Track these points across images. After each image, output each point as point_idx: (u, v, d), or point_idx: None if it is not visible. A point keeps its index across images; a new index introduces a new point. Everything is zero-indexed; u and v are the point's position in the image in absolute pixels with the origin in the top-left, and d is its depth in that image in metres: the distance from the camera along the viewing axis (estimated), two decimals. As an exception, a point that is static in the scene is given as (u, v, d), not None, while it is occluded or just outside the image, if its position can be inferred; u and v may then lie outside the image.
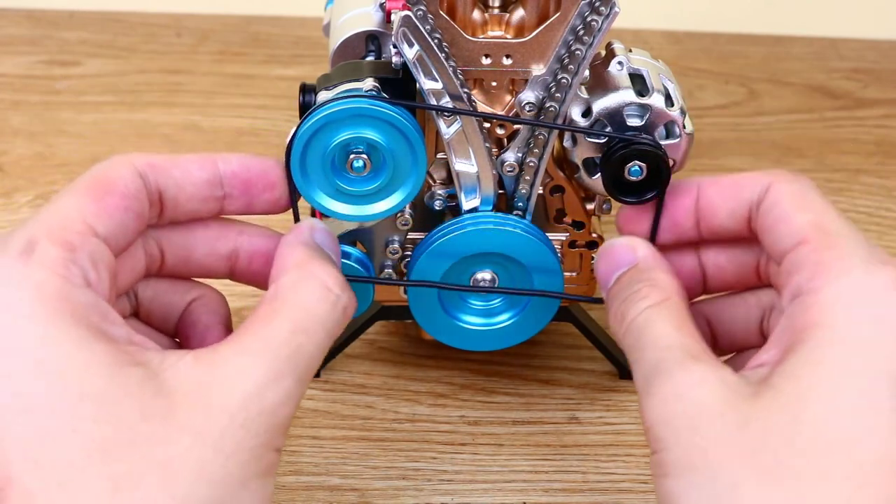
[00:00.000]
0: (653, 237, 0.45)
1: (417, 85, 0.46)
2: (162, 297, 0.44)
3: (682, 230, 0.45)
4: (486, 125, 0.48)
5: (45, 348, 0.35)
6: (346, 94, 0.45)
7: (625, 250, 0.44)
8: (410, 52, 0.45)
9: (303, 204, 0.66)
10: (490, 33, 0.48)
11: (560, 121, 0.48)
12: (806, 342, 0.37)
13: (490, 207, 0.49)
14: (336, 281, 0.40)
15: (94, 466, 0.33)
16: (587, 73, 0.47)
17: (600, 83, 0.48)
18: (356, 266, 0.50)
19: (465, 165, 0.48)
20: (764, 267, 0.44)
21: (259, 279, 0.45)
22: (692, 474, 0.36)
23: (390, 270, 0.52)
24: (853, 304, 0.38)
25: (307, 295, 0.39)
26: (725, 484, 0.35)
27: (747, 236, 0.43)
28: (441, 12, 0.46)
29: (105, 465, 0.33)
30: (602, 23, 0.45)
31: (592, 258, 0.52)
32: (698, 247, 0.46)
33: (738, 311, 0.45)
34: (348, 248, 0.50)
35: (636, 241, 0.44)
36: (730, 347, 0.45)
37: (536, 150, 0.48)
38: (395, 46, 0.46)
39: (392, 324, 0.59)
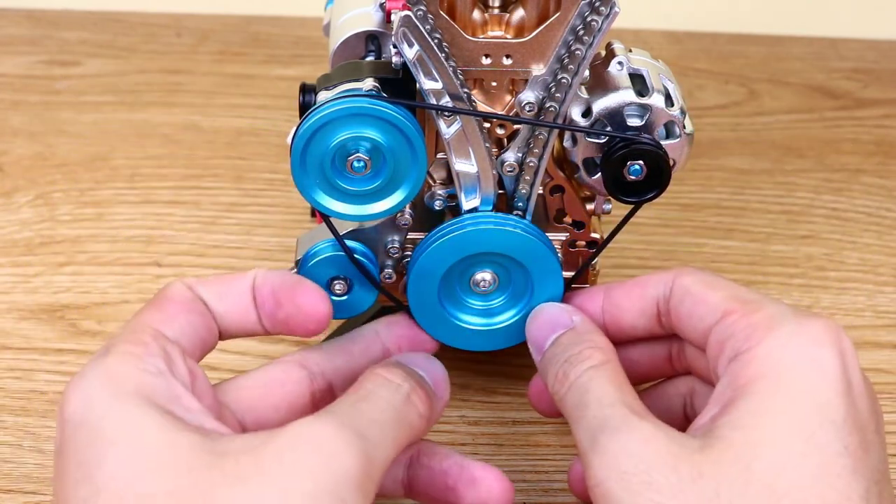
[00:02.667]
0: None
1: (417, 85, 0.46)
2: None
3: None
4: (486, 125, 0.48)
5: (111, 425, 0.36)
6: (346, 94, 0.45)
7: (562, 313, 0.47)
8: (410, 52, 0.45)
9: (304, 204, 0.66)
10: (490, 33, 0.48)
11: (560, 121, 0.48)
12: (749, 394, 0.39)
13: (490, 207, 0.49)
14: (396, 374, 0.41)
15: None
16: (587, 73, 0.47)
17: (600, 83, 0.48)
18: (362, 260, 0.50)
19: (465, 165, 0.48)
20: (677, 355, 0.47)
21: None
22: None
23: (390, 270, 0.52)
24: (790, 355, 0.39)
25: (365, 382, 0.41)
26: None
27: (657, 333, 0.46)
28: (441, 12, 0.46)
29: None
30: (602, 23, 0.45)
31: (596, 269, 0.52)
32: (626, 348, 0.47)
33: (660, 404, 0.47)
34: (353, 244, 0.50)
35: (569, 306, 0.47)
36: None
37: (536, 150, 0.48)
38: (395, 46, 0.46)
39: (392, 324, 0.59)
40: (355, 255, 0.50)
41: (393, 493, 0.45)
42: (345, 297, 0.51)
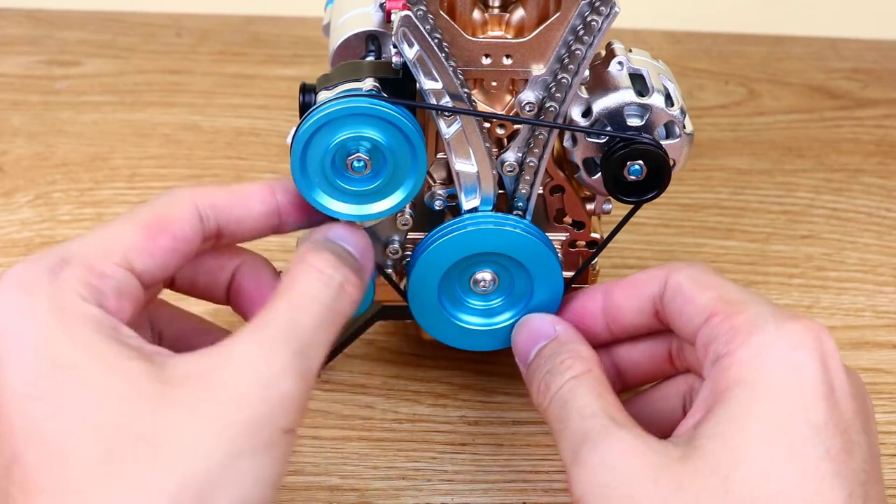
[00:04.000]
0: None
1: (417, 85, 0.46)
2: (202, 268, 0.46)
3: (594, 334, 0.47)
4: (486, 125, 0.48)
5: (53, 344, 0.36)
6: (346, 94, 0.45)
7: (544, 324, 0.47)
8: (410, 52, 0.45)
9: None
10: (490, 33, 0.48)
11: (560, 121, 0.48)
12: (727, 400, 0.39)
13: (490, 207, 0.49)
14: (328, 263, 0.41)
15: (83, 442, 0.35)
16: (587, 73, 0.47)
17: (600, 83, 0.48)
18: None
19: (465, 165, 0.48)
20: (676, 353, 0.46)
21: (248, 310, 0.47)
22: None
23: (390, 270, 0.52)
24: (769, 359, 0.39)
25: (299, 278, 0.40)
26: None
27: (657, 328, 0.46)
28: (441, 12, 0.46)
29: (98, 441, 0.35)
30: (602, 23, 0.45)
31: (596, 269, 0.52)
32: (610, 347, 0.48)
33: (661, 404, 0.47)
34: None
35: (553, 317, 0.47)
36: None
37: (536, 150, 0.48)
38: (395, 46, 0.46)
39: (392, 324, 0.59)
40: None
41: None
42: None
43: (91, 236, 0.40)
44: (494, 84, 0.48)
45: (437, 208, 0.51)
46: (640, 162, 0.47)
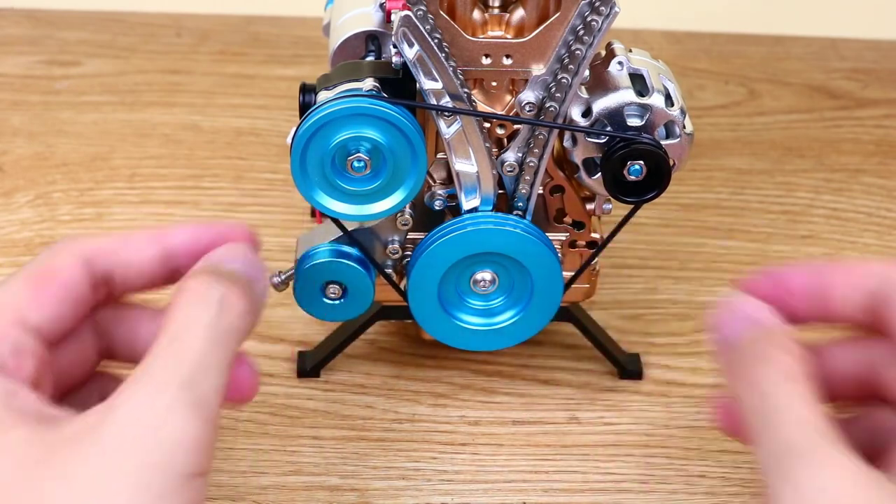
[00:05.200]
0: None
1: (417, 85, 0.46)
2: (139, 327, 0.43)
3: (796, 313, 0.42)
4: (486, 125, 0.48)
5: None
6: (346, 94, 0.45)
7: (757, 309, 0.41)
8: (410, 52, 0.45)
9: (304, 204, 0.66)
10: (490, 33, 0.48)
11: (560, 121, 0.48)
12: None
13: (490, 207, 0.49)
14: (202, 282, 0.38)
15: None
16: (587, 73, 0.47)
17: (600, 83, 0.48)
18: (356, 266, 0.50)
19: (465, 165, 0.48)
20: (884, 373, 0.41)
21: None
22: None
23: (390, 270, 0.52)
24: None
25: (176, 306, 0.38)
26: None
27: (863, 324, 0.41)
28: (441, 12, 0.46)
29: None
30: (602, 23, 0.45)
31: (596, 269, 0.52)
32: (819, 350, 0.42)
33: (858, 438, 0.41)
34: (348, 249, 0.50)
35: (762, 304, 0.42)
36: None
37: (536, 150, 0.48)
38: (395, 46, 0.46)
39: (392, 324, 0.59)
40: (355, 256, 0.50)
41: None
42: (339, 302, 0.51)
43: None
44: (494, 84, 0.48)
45: (437, 208, 0.51)
46: (640, 162, 0.47)
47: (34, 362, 0.38)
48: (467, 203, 0.49)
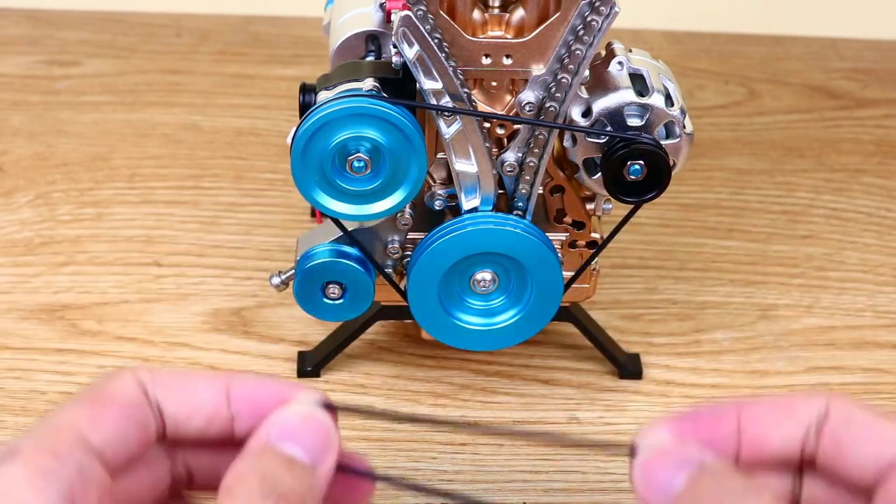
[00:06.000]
0: None
1: (417, 85, 0.46)
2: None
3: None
4: (486, 125, 0.48)
5: None
6: (346, 94, 0.45)
7: (686, 449, 0.36)
8: (410, 52, 0.45)
9: (304, 204, 0.66)
10: (490, 33, 0.48)
11: (560, 121, 0.48)
12: None
13: (490, 207, 0.49)
14: (255, 495, 0.34)
15: None
16: (587, 73, 0.47)
17: (600, 83, 0.48)
18: (356, 266, 0.50)
19: (465, 165, 0.48)
20: (798, 494, 0.39)
21: None
22: None
23: (390, 270, 0.52)
24: None
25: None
26: None
27: (793, 463, 0.38)
28: (441, 12, 0.46)
29: None
30: (602, 23, 0.45)
31: (596, 269, 0.52)
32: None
33: None
34: (348, 249, 0.50)
35: (689, 438, 0.37)
36: None
37: (536, 150, 0.48)
38: (395, 46, 0.46)
39: (392, 324, 0.59)
40: (355, 256, 0.50)
41: None
42: (339, 302, 0.51)
43: (36, 426, 0.36)
44: (494, 84, 0.48)
45: (437, 208, 0.51)
46: (640, 162, 0.47)
47: (98, 492, 0.35)
48: (467, 203, 0.49)
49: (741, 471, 0.36)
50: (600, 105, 0.48)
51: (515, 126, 0.49)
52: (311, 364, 0.56)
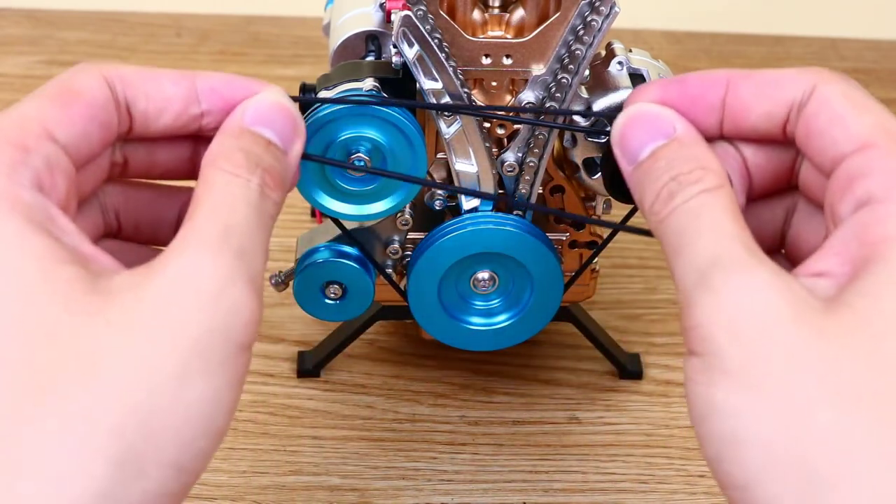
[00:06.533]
0: None
1: (417, 85, 0.46)
2: (146, 209, 0.41)
3: (703, 128, 0.39)
4: (486, 125, 0.48)
5: None
6: (346, 95, 0.45)
7: (662, 119, 0.38)
8: (410, 52, 0.45)
9: (304, 204, 0.66)
10: (490, 33, 0.48)
11: (560, 121, 0.48)
12: (883, 258, 0.33)
13: (490, 207, 0.49)
14: (243, 167, 0.36)
15: (12, 357, 0.31)
16: (587, 73, 0.47)
17: (600, 83, 0.48)
18: (356, 266, 0.50)
19: (465, 165, 0.48)
20: (798, 167, 0.40)
21: None
22: (754, 388, 0.32)
23: (390, 270, 0.52)
24: None
25: (215, 181, 0.36)
26: (798, 404, 0.31)
27: (778, 140, 0.39)
28: (441, 12, 0.46)
29: (21, 356, 0.31)
30: (602, 23, 0.45)
31: (596, 269, 0.52)
32: (735, 142, 0.40)
33: (763, 216, 0.41)
34: (348, 249, 0.50)
35: (671, 111, 0.38)
36: None
37: (536, 150, 0.48)
38: (395, 46, 0.46)
39: (392, 324, 0.59)
40: (355, 256, 0.50)
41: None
42: (339, 302, 0.51)
43: (3, 114, 0.36)
44: (494, 84, 0.48)
45: (437, 208, 0.51)
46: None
47: (65, 184, 0.35)
48: (467, 203, 0.49)
49: (716, 142, 0.39)
50: (600, 105, 0.48)
51: (515, 126, 0.49)
52: (311, 364, 0.56)
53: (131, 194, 0.41)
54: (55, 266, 0.32)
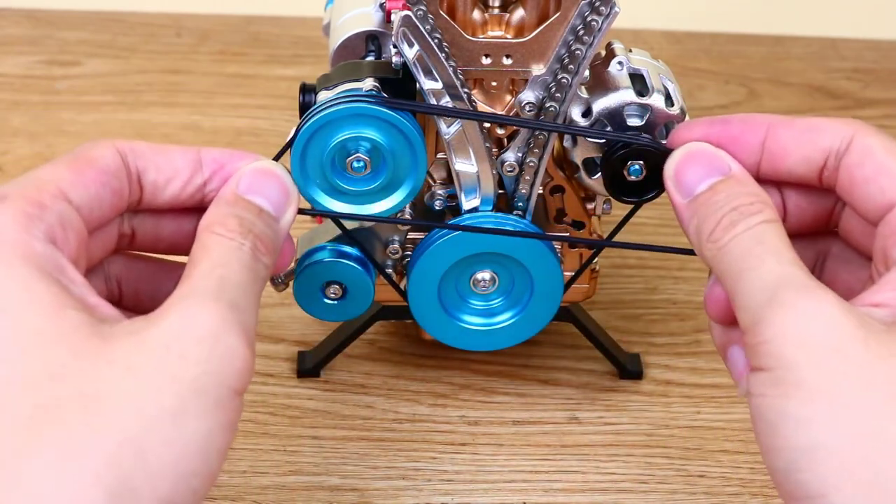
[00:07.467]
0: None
1: (417, 85, 0.46)
2: (146, 280, 0.43)
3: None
4: (486, 125, 0.48)
5: None
6: (346, 95, 0.45)
7: (719, 158, 0.41)
8: (410, 52, 0.45)
9: (304, 204, 0.65)
10: (490, 33, 0.48)
11: (560, 121, 0.48)
12: None
13: (490, 207, 0.49)
14: (237, 232, 0.38)
15: (15, 396, 0.33)
16: (587, 73, 0.47)
17: (600, 83, 0.48)
18: (356, 266, 0.50)
19: (465, 165, 0.48)
20: (837, 214, 0.42)
21: None
22: (830, 400, 0.33)
23: (390, 270, 0.52)
24: None
25: (210, 244, 0.38)
26: (871, 417, 0.33)
27: (813, 186, 0.41)
28: (441, 12, 0.46)
29: (27, 396, 0.33)
30: (602, 23, 0.45)
31: (596, 269, 0.52)
32: (781, 187, 0.42)
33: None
34: (348, 249, 0.50)
35: (724, 152, 0.41)
36: None
37: (536, 150, 0.48)
38: (395, 46, 0.46)
39: (392, 324, 0.59)
40: (355, 256, 0.50)
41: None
42: (339, 302, 0.51)
43: (20, 179, 0.38)
44: (494, 84, 0.48)
45: (437, 208, 0.51)
46: (640, 162, 0.47)
47: (76, 241, 0.37)
48: (467, 203, 0.49)
49: (762, 183, 0.41)
50: (600, 105, 0.48)
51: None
52: (311, 364, 0.56)
53: (135, 265, 0.43)
54: (62, 311, 0.34)
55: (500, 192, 0.50)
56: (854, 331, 0.34)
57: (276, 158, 0.44)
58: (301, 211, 0.43)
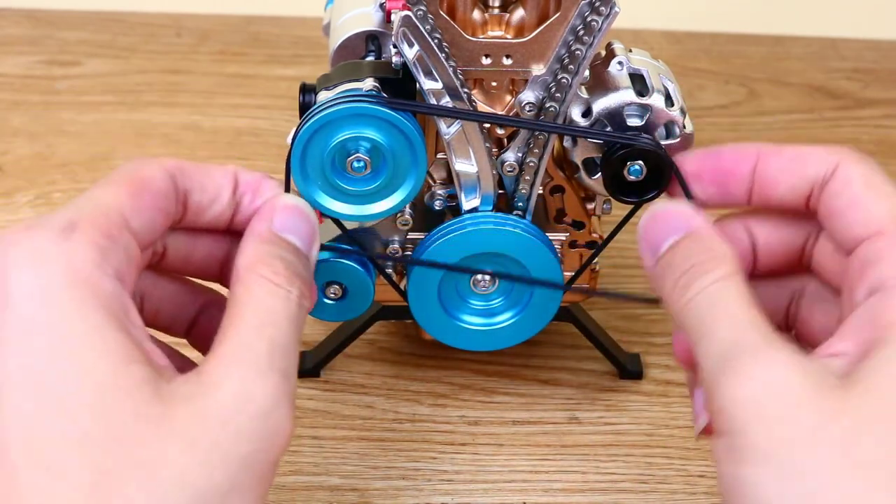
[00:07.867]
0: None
1: (417, 85, 0.46)
2: (170, 300, 0.43)
3: (733, 197, 0.42)
4: (487, 125, 0.48)
5: (64, 328, 0.34)
6: (346, 95, 0.45)
7: (678, 216, 0.41)
8: (410, 52, 0.45)
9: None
10: (490, 33, 0.48)
11: (560, 121, 0.48)
12: (893, 339, 0.35)
13: (490, 207, 0.49)
14: (281, 275, 0.38)
15: (80, 457, 0.33)
16: (587, 73, 0.47)
17: (600, 83, 0.48)
18: (356, 266, 0.50)
19: (465, 165, 0.48)
20: (809, 250, 0.43)
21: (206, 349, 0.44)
22: (775, 464, 0.34)
23: (390, 270, 0.52)
24: None
25: (257, 292, 0.38)
26: (817, 480, 0.33)
27: (800, 211, 0.42)
28: (441, 12, 0.46)
29: (91, 458, 0.33)
30: (602, 23, 0.45)
31: (596, 269, 0.52)
32: (750, 224, 0.43)
33: (769, 294, 0.43)
34: (348, 249, 0.50)
35: (688, 208, 0.41)
36: None
37: (536, 150, 0.48)
38: (395, 46, 0.46)
39: (392, 324, 0.59)
40: (355, 257, 0.50)
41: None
42: (339, 302, 0.51)
43: (81, 201, 0.38)
44: (494, 84, 0.48)
45: (437, 208, 0.51)
46: (640, 162, 0.47)
47: (135, 273, 0.38)
48: (467, 203, 0.49)
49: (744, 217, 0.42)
50: (600, 105, 0.48)
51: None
52: (312, 364, 0.56)
53: (159, 283, 0.43)
54: (128, 365, 0.34)
55: (500, 192, 0.50)
56: (804, 390, 0.34)
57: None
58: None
